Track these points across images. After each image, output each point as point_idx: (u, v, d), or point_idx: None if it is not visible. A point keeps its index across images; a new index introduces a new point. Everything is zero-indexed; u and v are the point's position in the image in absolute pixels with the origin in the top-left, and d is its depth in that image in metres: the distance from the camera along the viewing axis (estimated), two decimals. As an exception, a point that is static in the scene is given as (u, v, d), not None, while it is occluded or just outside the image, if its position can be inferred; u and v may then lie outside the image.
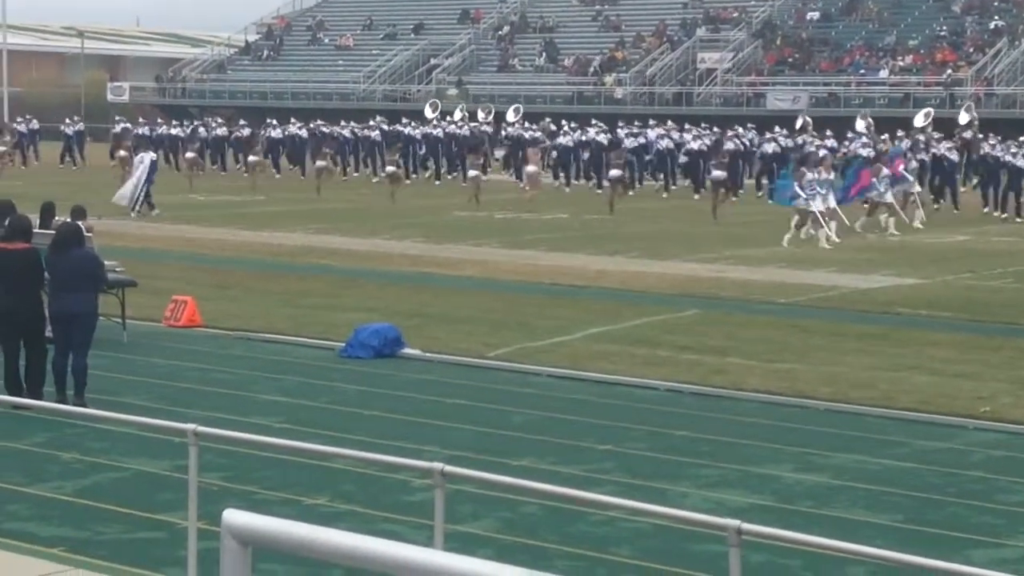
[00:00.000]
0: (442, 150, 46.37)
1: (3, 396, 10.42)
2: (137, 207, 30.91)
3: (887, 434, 11.78)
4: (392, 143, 43.69)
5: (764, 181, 39.44)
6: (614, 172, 36.03)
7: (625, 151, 39.24)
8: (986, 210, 34.06)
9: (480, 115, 50.56)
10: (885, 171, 29.18)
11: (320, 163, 40.45)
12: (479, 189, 37.41)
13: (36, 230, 13.56)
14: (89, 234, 13.83)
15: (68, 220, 15.21)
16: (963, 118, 46.38)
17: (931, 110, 47.14)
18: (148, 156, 32.75)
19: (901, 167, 30.50)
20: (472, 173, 39.35)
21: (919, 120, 45.87)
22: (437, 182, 44.17)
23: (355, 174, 46.04)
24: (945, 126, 44.79)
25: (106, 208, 28.06)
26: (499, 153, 47.88)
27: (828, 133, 42.50)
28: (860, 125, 44.74)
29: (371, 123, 48.32)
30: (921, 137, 40.15)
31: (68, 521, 9.04)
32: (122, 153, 42.08)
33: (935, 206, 34.92)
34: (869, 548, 6.11)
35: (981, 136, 40.16)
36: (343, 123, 50.17)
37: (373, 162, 46.31)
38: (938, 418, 12.29)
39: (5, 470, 9.97)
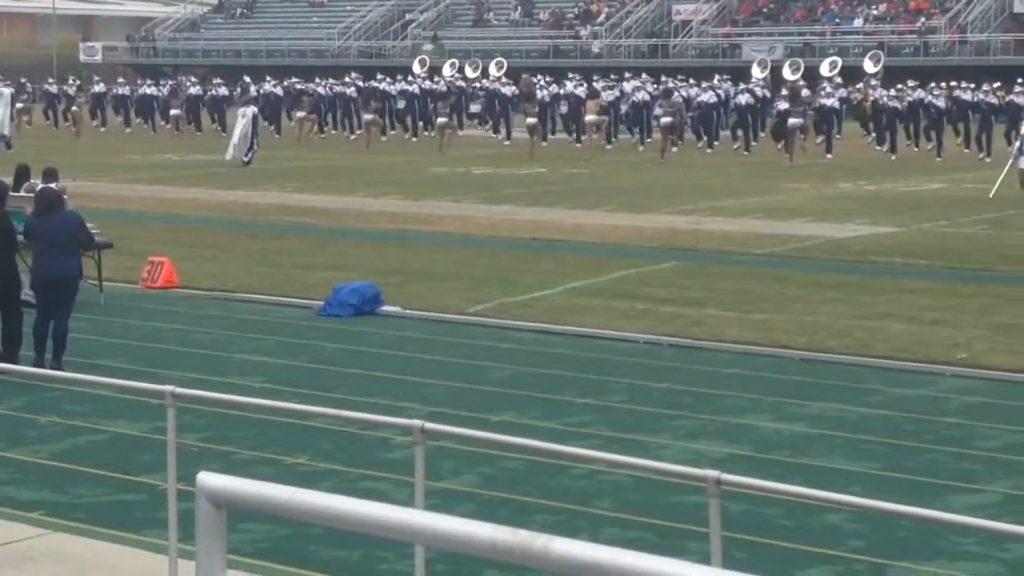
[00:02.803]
0: (418, 106, 46.19)
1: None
2: (249, 157, 32.96)
3: (864, 382, 11.82)
4: (368, 100, 43.50)
5: (739, 132, 39.33)
6: (665, 119, 36.26)
7: (677, 100, 38.84)
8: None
9: (446, 70, 50.64)
10: None
11: (300, 114, 40.96)
12: (445, 139, 37.49)
13: (11, 193, 13.48)
14: (64, 196, 13.73)
15: (44, 183, 15.13)
16: (868, 66, 46.59)
17: (879, 53, 47.73)
18: (250, 110, 34.71)
19: None
20: (441, 121, 39.37)
21: (869, 66, 46.17)
22: (414, 139, 44.02)
23: (333, 131, 45.84)
24: (926, 75, 44.80)
25: (80, 170, 27.88)
26: (474, 107, 47.68)
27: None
28: (824, 69, 45.05)
29: (346, 80, 48.07)
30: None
31: (47, 485, 9.02)
32: (173, 112, 45.13)
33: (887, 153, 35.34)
34: (848, 496, 6.13)
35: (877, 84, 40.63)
36: (318, 80, 49.84)
37: (349, 120, 46.12)
38: (914, 365, 12.33)
39: (-17, 435, 9.94)
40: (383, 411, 9.38)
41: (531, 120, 38.58)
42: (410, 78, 48.99)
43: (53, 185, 14.91)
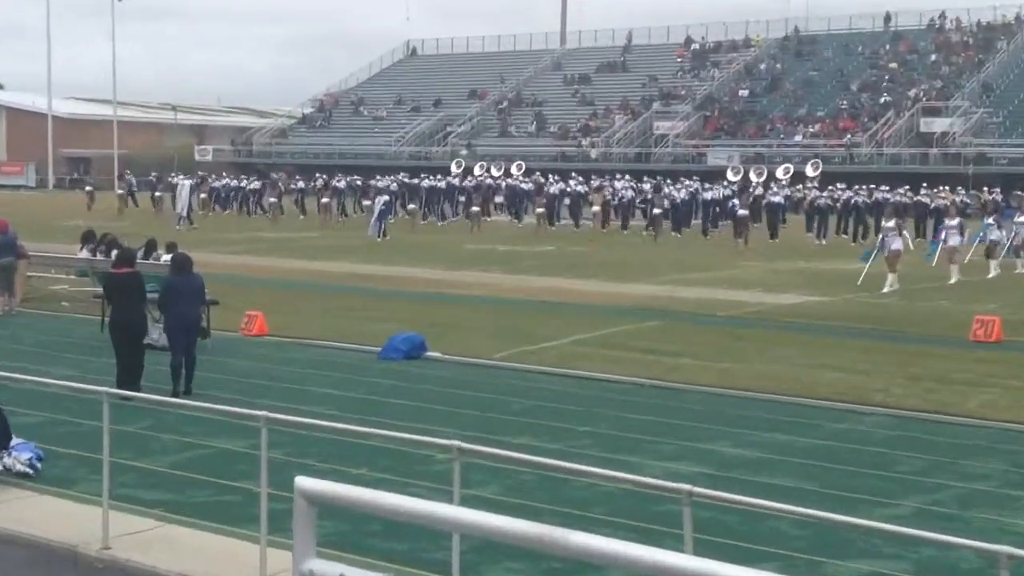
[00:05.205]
0: (445, 197, 46.51)
1: (118, 390, 10.35)
2: (380, 236, 33.84)
3: (807, 418, 11.73)
4: (411, 194, 43.55)
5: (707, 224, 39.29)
6: (657, 210, 36.42)
7: (665, 195, 38.87)
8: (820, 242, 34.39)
9: (476, 170, 51.11)
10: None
11: (411, 206, 41.17)
12: (478, 223, 37.78)
13: (140, 260, 13.58)
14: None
15: (177, 250, 15.18)
16: (810, 171, 46.77)
17: (818, 161, 47.90)
18: (382, 197, 35.89)
19: None
20: (474, 210, 39.64)
21: (809, 171, 46.30)
22: (440, 222, 44.12)
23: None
24: (846, 179, 44.81)
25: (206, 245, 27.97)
26: (499, 199, 47.90)
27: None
28: (779, 172, 45.22)
29: (392, 177, 48.00)
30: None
31: (166, 488, 9.00)
32: (272, 200, 43.75)
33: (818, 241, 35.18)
34: (794, 507, 6.07)
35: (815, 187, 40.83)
36: (378, 176, 49.79)
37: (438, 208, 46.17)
38: (847, 405, 12.24)
39: (118, 448, 9.87)
40: (426, 434, 9.34)
41: (540, 210, 38.78)
42: (445, 174, 49.30)
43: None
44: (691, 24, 76.88)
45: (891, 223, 23.58)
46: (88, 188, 51.07)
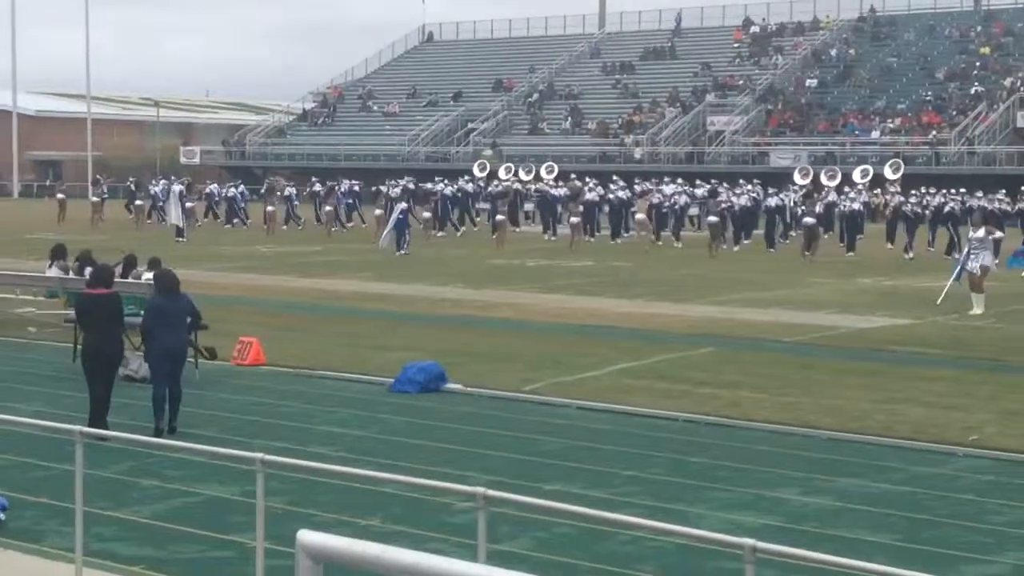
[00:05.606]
0: (469, 203, 46.77)
1: (92, 429, 10.44)
2: (403, 248, 33.95)
3: (885, 460, 11.69)
4: (425, 199, 43.76)
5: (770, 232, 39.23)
6: (712, 218, 36.44)
7: (723, 200, 38.83)
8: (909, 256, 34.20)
9: (501, 173, 51.30)
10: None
11: (426, 215, 41.36)
12: (504, 234, 37.80)
13: (118, 278, 13.69)
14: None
15: (161, 267, 15.30)
16: (889, 173, 46.53)
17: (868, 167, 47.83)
18: (400, 205, 35.99)
19: None
20: (499, 219, 39.66)
21: (888, 173, 46.15)
22: (459, 231, 44.40)
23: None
24: (931, 182, 44.64)
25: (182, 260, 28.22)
26: (528, 206, 48.03)
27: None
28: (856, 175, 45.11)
29: (398, 180, 48.27)
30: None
31: (148, 542, 9.05)
32: (269, 208, 44.08)
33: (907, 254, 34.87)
34: (871, 564, 6.04)
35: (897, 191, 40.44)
36: (389, 181, 50.04)
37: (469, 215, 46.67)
38: (931, 446, 12.19)
39: (93, 496, 9.98)
40: (447, 479, 9.38)
41: (574, 219, 38.80)
42: (465, 178, 49.52)
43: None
44: (750, 3, 76.87)
45: (980, 233, 23.41)
46: (59, 196, 51.57)
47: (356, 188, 49.73)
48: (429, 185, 46.74)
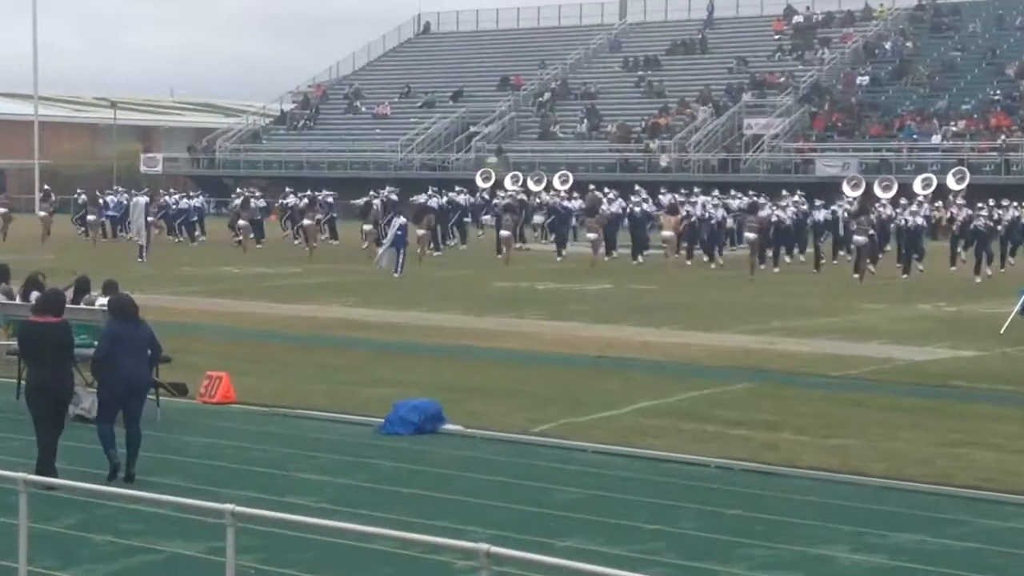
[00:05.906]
0: (460, 218, 46.99)
1: (38, 477, 10.45)
2: (399, 270, 34.26)
3: (946, 513, 11.67)
4: (421, 214, 43.86)
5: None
6: (750, 235, 36.41)
7: (765, 216, 38.57)
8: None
9: (507, 183, 51.40)
10: None
11: (420, 232, 41.54)
12: (509, 250, 37.90)
13: (69, 304, 13.71)
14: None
15: (117, 291, 15.32)
16: (952, 183, 46.45)
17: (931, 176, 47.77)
18: (399, 220, 36.25)
19: None
20: (504, 234, 39.75)
21: (952, 183, 46.05)
22: (462, 247, 44.76)
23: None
24: (999, 193, 44.67)
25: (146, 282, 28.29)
26: (537, 219, 48.17)
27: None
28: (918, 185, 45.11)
29: (377, 191, 47.99)
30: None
31: (101, 604, 9.05)
32: (241, 223, 45.25)
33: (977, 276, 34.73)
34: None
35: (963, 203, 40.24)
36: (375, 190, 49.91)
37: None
38: (1001, 496, 12.16)
39: (38, 553, 9.98)
40: (445, 534, 9.38)
41: (592, 235, 38.88)
42: (458, 189, 49.65)
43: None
44: (792, -10, 77.13)
45: None
46: (2, 209, 51.78)
47: (330, 200, 49.48)
48: (422, 198, 46.69)
